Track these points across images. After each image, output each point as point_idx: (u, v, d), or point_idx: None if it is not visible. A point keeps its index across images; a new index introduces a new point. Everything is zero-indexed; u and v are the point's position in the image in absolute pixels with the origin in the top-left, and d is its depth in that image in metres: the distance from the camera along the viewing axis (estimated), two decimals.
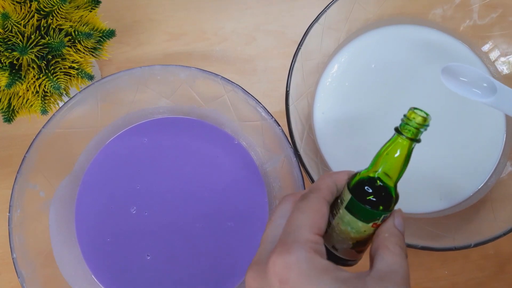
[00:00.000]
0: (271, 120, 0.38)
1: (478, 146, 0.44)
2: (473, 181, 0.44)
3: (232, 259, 0.41)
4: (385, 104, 0.45)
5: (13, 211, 0.36)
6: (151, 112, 0.44)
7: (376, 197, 0.26)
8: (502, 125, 0.45)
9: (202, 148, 0.43)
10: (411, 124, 0.26)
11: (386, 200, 0.26)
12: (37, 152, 0.37)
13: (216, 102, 0.42)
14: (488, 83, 0.34)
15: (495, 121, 0.45)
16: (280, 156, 0.40)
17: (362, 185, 0.27)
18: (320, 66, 0.46)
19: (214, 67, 0.49)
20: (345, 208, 0.27)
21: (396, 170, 0.27)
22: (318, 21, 0.40)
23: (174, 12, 0.50)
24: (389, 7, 0.46)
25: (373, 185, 0.26)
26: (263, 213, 0.42)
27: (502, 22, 0.45)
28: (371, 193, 0.26)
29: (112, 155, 0.43)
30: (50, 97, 0.37)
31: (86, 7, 0.38)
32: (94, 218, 0.42)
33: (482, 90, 0.34)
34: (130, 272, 0.41)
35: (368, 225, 0.26)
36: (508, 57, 0.45)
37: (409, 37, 0.46)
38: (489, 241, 0.37)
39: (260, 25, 0.50)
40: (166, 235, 0.41)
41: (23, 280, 0.35)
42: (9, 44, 0.34)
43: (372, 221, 0.26)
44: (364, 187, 0.26)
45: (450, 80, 0.37)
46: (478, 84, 0.34)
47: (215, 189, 0.42)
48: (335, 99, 0.45)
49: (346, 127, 0.45)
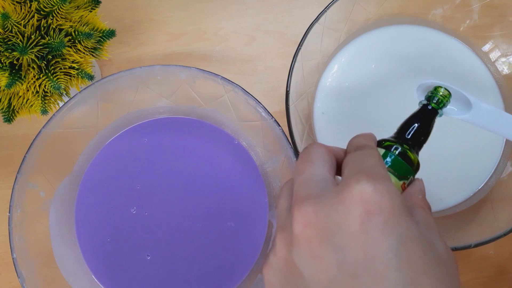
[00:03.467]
0: (271, 120, 0.38)
1: (478, 146, 0.44)
2: (473, 181, 0.44)
3: (232, 259, 0.41)
4: (386, 104, 0.45)
5: (13, 211, 0.36)
6: (151, 112, 0.44)
7: (405, 159, 0.28)
8: None
9: (202, 148, 0.43)
10: (437, 95, 0.32)
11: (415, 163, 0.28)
12: (37, 152, 0.37)
13: (216, 102, 0.42)
14: (463, 99, 0.34)
15: None
16: (280, 156, 0.40)
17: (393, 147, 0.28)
18: (320, 66, 0.46)
19: (214, 67, 0.49)
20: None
21: (420, 137, 0.30)
22: (318, 21, 0.40)
23: (174, 12, 0.50)
24: (389, 7, 0.46)
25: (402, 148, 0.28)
26: (263, 213, 0.42)
27: (502, 22, 0.45)
28: (402, 154, 0.28)
29: (112, 155, 0.43)
30: (50, 97, 0.37)
31: (86, 7, 0.38)
32: (94, 218, 0.42)
33: (458, 107, 0.35)
34: (130, 272, 0.41)
35: (399, 183, 0.27)
36: (509, 57, 0.45)
37: (409, 37, 0.46)
38: (489, 241, 0.37)
39: (260, 25, 0.50)
40: (166, 235, 0.41)
41: (23, 280, 0.35)
42: (9, 44, 0.34)
43: (404, 179, 0.27)
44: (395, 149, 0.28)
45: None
46: (454, 100, 0.34)
47: (215, 189, 0.42)
48: (335, 99, 0.45)
49: (346, 127, 0.45)
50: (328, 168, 0.25)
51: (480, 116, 0.35)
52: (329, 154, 0.26)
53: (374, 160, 0.24)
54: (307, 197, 0.23)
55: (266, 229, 0.42)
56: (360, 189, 0.21)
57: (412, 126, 0.31)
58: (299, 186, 0.24)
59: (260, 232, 0.42)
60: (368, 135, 0.28)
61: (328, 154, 0.26)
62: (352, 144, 0.27)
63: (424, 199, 0.27)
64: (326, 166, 0.25)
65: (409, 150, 0.28)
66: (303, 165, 0.25)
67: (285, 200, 0.26)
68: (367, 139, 0.28)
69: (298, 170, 0.26)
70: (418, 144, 0.30)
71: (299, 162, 0.26)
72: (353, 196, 0.21)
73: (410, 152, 0.28)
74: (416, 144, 0.30)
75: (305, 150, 0.27)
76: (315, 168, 0.25)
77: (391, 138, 0.30)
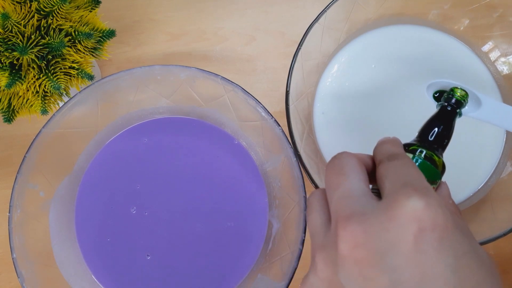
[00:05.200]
0: (271, 120, 0.38)
1: (478, 146, 0.44)
2: (473, 181, 0.44)
3: (232, 259, 0.41)
4: (386, 104, 0.45)
5: (13, 211, 0.36)
6: (151, 112, 0.44)
7: (433, 163, 0.28)
8: None
9: (202, 148, 0.43)
10: (455, 96, 0.33)
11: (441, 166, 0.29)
12: (37, 152, 0.37)
13: (216, 102, 0.42)
14: (473, 96, 0.35)
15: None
16: (280, 156, 0.40)
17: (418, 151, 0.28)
18: (320, 66, 0.46)
19: (214, 67, 0.49)
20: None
21: (443, 139, 0.30)
22: (318, 21, 0.40)
23: (174, 12, 0.50)
24: (389, 7, 0.46)
25: (428, 152, 0.28)
26: (263, 213, 0.42)
27: (502, 22, 0.45)
28: (428, 158, 0.28)
29: (112, 155, 0.43)
30: (50, 97, 0.37)
31: (86, 7, 0.38)
32: (94, 218, 0.42)
33: (468, 104, 0.35)
34: (130, 272, 0.41)
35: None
36: (508, 57, 0.45)
37: (409, 37, 0.46)
38: (489, 241, 0.37)
39: (260, 25, 0.50)
40: (166, 235, 0.41)
41: (23, 280, 0.35)
42: (9, 44, 0.34)
43: (433, 184, 0.28)
44: (421, 153, 0.28)
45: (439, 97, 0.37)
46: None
47: (215, 189, 0.42)
48: (335, 99, 0.45)
49: (346, 127, 0.45)
50: (364, 181, 0.24)
51: (490, 112, 0.35)
52: (361, 165, 0.25)
53: (415, 172, 0.23)
54: (351, 215, 0.22)
55: (266, 229, 0.42)
56: (412, 205, 0.20)
57: (435, 129, 0.31)
58: (338, 203, 0.23)
59: (260, 232, 0.42)
60: (395, 141, 0.27)
61: (360, 164, 0.25)
62: (383, 152, 0.26)
63: (454, 204, 0.26)
64: (361, 179, 0.24)
65: (434, 154, 0.28)
66: (337, 178, 0.24)
67: (317, 216, 0.25)
68: (395, 145, 0.27)
69: (332, 184, 0.24)
70: (442, 146, 0.30)
71: (331, 175, 0.25)
72: (405, 213, 0.20)
73: (436, 155, 0.28)
74: (440, 147, 0.30)
75: (335, 161, 0.25)
76: (350, 182, 0.24)
77: (414, 142, 0.30)
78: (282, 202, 0.41)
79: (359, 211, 0.22)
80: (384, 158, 0.25)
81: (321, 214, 0.25)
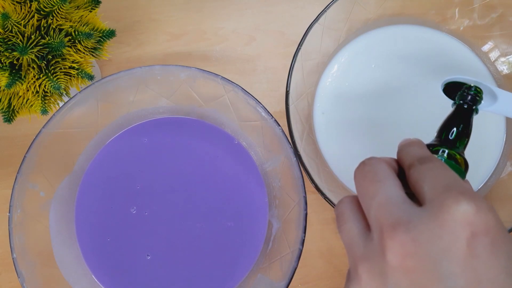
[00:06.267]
0: (271, 120, 0.38)
1: (478, 146, 0.44)
2: (473, 181, 0.44)
3: (232, 259, 0.41)
4: (386, 103, 0.45)
5: (13, 211, 0.36)
6: (151, 112, 0.44)
7: (457, 163, 0.28)
8: (502, 125, 0.45)
9: (202, 148, 0.43)
10: (471, 93, 0.33)
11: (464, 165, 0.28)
12: (37, 152, 0.37)
13: (216, 102, 0.42)
14: (488, 91, 0.35)
15: (495, 122, 0.45)
16: (280, 156, 0.40)
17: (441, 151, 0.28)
18: (320, 66, 0.46)
19: (214, 67, 0.49)
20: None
21: (464, 138, 0.31)
22: (318, 21, 0.41)
23: (174, 12, 0.50)
24: (389, 7, 0.46)
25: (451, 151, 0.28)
26: (263, 213, 0.42)
27: (502, 22, 0.45)
28: (452, 157, 0.28)
29: (112, 155, 0.43)
30: (50, 97, 0.37)
31: (86, 7, 0.38)
32: (94, 218, 0.42)
33: (483, 99, 0.35)
34: (130, 272, 0.41)
35: None
36: (508, 57, 0.45)
37: (409, 37, 0.46)
38: None
39: (260, 25, 0.50)
40: (166, 235, 0.41)
41: (23, 280, 0.35)
42: (9, 44, 0.34)
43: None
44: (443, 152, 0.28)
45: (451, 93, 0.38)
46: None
47: (215, 189, 0.42)
48: (335, 99, 0.45)
49: (346, 127, 0.45)
50: (399, 187, 0.23)
51: (506, 105, 0.36)
52: (392, 170, 0.25)
53: (452, 174, 0.23)
54: (397, 223, 0.21)
55: (266, 229, 0.42)
56: (463, 210, 0.20)
57: (454, 128, 0.31)
58: (379, 211, 0.22)
59: (260, 232, 0.42)
60: (419, 143, 0.27)
61: (391, 169, 0.24)
62: (411, 155, 0.25)
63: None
64: (397, 185, 0.23)
65: (457, 153, 0.28)
66: (373, 186, 0.23)
67: (353, 225, 0.24)
68: (421, 147, 0.26)
69: (368, 192, 0.24)
70: (463, 145, 0.30)
71: (364, 183, 0.24)
72: (456, 218, 0.20)
73: (458, 154, 0.28)
74: (461, 145, 0.30)
75: (365, 167, 0.25)
76: (387, 189, 0.23)
77: (435, 142, 0.30)
78: (282, 202, 0.41)
79: (404, 219, 0.21)
80: (415, 161, 0.24)
81: (356, 223, 0.24)
